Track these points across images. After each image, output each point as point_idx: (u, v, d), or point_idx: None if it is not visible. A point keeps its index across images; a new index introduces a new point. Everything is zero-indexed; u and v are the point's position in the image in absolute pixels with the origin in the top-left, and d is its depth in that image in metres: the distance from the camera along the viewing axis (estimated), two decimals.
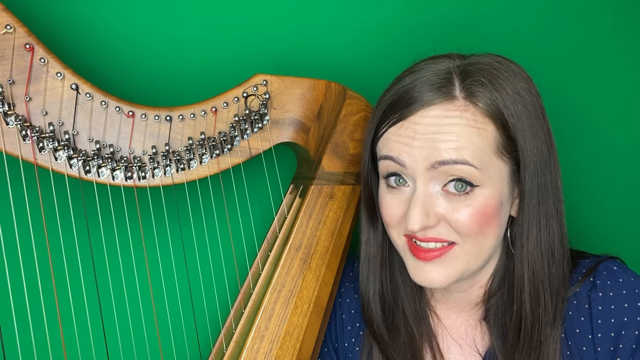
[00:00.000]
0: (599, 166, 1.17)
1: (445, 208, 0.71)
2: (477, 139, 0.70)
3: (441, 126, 0.70)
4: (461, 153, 0.69)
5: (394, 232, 0.76)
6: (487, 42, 1.07)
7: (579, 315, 0.77)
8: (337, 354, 0.88)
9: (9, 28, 0.71)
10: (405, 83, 0.74)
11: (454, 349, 0.84)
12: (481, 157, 0.70)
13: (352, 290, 0.89)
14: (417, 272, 0.74)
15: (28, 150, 0.73)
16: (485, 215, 0.71)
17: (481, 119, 0.70)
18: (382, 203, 0.77)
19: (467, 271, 0.74)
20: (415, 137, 0.71)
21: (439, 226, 0.72)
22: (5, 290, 0.75)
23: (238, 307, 0.87)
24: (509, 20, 1.12)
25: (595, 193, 1.18)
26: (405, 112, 0.72)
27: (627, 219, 1.19)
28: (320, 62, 1.04)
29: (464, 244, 0.72)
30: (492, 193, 0.71)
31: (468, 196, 0.71)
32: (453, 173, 0.70)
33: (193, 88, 0.96)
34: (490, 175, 0.71)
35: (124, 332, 0.87)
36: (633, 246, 1.17)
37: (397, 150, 0.72)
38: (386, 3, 1.07)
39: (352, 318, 0.88)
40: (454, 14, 1.10)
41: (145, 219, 0.83)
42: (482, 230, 0.72)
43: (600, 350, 0.76)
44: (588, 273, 0.79)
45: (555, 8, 1.14)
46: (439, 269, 0.73)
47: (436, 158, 0.70)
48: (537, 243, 0.74)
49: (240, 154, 0.84)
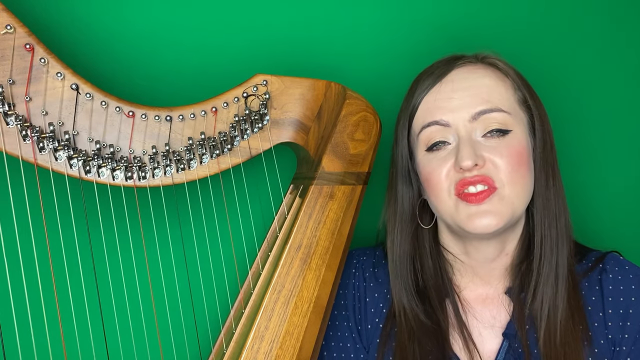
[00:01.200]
0: (598, 166, 1.18)
1: (488, 151, 0.81)
2: (503, 90, 0.84)
3: (473, 79, 0.83)
4: (494, 102, 0.82)
5: (445, 192, 0.83)
6: (486, 43, 1.06)
7: (591, 295, 0.86)
8: (360, 336, 0.92)
9: (9, 28, 0.71)
10: (432, 65, 0.88)
11: (476, 321, 0.88)
12: (509, 104, 0.83)
13: (373, 275, 0.94)
14: (472, 220, 0.81)
15: (28, 150, 0.73)
16: (521, 155, 0.82)
17: (500, 75, 0.85)
18: (426, 170, 0.85)
19: (514, 214, 0.82)
20: (453, 96, 0.83)
21: (485, 168, 0.81)
22: (6, 290, 0.75)
23: (238, 307, 0.87)
24: (509, 20, 1.13)
25: (594, 193, 1.18)
26: (439, 76, 0.85)
27: (626, 219, 1.19)
28: (320, 62, 1.04)
29: (504, 187, 0.81)
30: (523, 137, 0.83)
31: (504, 140, 0.82)
32: (490, 121, 0.82)
33: (193, 88, 0.96)
34: (518, 121, 0.84)
35: (124, 332, 0.87)
36: (633, 245, 1.17)
37: (439, 114, 0.83)
38: (386, 4, 1.07)
39: (376, 300, 0.92)
40: (453, 14, 1.10)
41: (145, 219, 0.83)
42: (520, 171, 0.81)
43: (610, 324, 0.84)
44: (598, 261, 0.88)
45: (554, 9, 1.14)
46: (492, 212, 0.80)
47: (475, 109, 0.82)
48: (552, 197, 0.85)
49: (240, 154, 0.84)
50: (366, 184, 0.89)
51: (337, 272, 0.86)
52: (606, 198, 1.18)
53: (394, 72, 1.05)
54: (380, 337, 0.89)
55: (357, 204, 0.88)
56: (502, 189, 0.80)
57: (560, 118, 1.14)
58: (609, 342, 0.83)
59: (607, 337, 0.83)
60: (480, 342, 0.87)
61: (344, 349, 0.91)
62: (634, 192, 1.19)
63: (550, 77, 1.14)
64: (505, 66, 0.86)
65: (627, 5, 1.16)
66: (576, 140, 1.16)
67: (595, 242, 0.98)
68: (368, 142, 0.89)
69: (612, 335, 0.83)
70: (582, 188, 1.17)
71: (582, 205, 1.17)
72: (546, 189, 0.85)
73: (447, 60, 0.87)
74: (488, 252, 0.87)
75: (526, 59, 1.11)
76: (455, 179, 0.82)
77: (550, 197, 0.85)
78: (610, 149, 1.18)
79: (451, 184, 0.82)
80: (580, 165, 1.16)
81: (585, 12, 1.15)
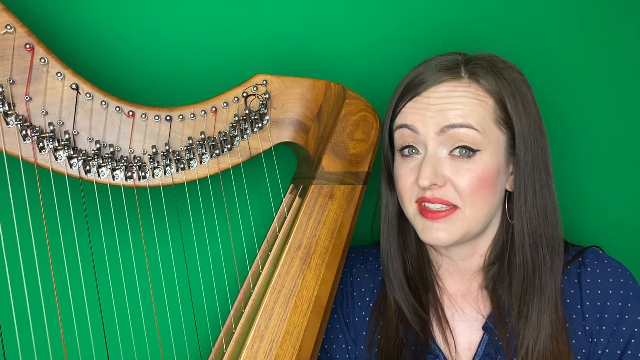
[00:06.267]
0: (596, 166, 1.18)
1: (451, 171, 0.82)
2: (479, 109, 0.82)
3: (449, 98, 0.83)
4: (466, 119, 0.81)
5: (407, 200, 0.86)
6: (486, 43, 1.06)
7: (570, 289, 0.88)
8: (348, 328, 0.94)
9: (10, 28, 0.71)
10: (419, 70, 0.87)
11: (457, 315, 0.91)
12: (483, 124, 0.82)
13: (363, 270, 0.97)
14: (425, 232, 0.84)
15: (28, 150, 0.73)
16: (484, 179, 0.82)
17: (483, 94, 0.83)
18: (397, 173, 0.88)
19: (468, 234, 0.84)
20: (427, 109, 0.83)
21: (445, 188, 0.82)
22: (6, 290, 0.75)
23: (238, 307, 0.87)
24: (508, 21, 1.13)
25: (593, 193, 1.18)
26: (419, 89, 0.85)
27: (625, 219, 1.19)
28: (320, 62, 1.04)
29: (465, 208, 0.82)
30: (491, 160, 0.83)
31: (471, 160, 0.82)
32: (459, 138, 0.81)
33: (193, 88, 0.96)
34: (490, 141, 0.83)
35: (124, 332, 0.87)
36: (629, 244, 1.18)
37: (412, 120, 0.84)
38: (386, 4, 1.07)
39: (363, 294, 0.95)
40: (453, 15, 1.10)
41: (145, 219, 0.83)
42: (481, 194, 0.82)
43: (588, 317, 0.86)
44: (578, 255, 0.90)
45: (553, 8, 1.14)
46: (445, 229, 0.83)
47: (445, 123, 0.82)
48: (533, 204, 0.85)
49: (241, 154, 0.85)
50: (366, 184, 0.90)
51: (337, 272, 0.87)
52: (605, 199, 1.18)
53: (394, 73, 1.05)
54: (367, 328, 0.92)
55: (357, 204, 0.89)
56: (459, 212, 0.82)
57: (559, 119, 1.14)
58: (587, 334, 0.85)
59: (584, 329, 0.86)
60: (461, 334, 0.90)
61: (334, 340, 0.94)
62: (633, 192, 1.19)
63: (549, 77, 1.14)
64: (490, 85, 0.83)
65: (627, 7, 1.16)
66: (575, 141, 1.16)
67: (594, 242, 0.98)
68: (368, 142, 0.89)
69: (589, 327, 0.85)
70: (580, 189, 1.17)
71: (581, 206, 1.17)
72: (533, 207, 0.84)
73: (436, 70, 0.85)
74: (459, 254, 0.91)
75: (524, 59, 1.11)
76: (416, 192, 0.84)
77: (534, 217, 0.84)
78: (610, 150, 1.18)
79: (413, 194, 0.85)
80: (579, 166, 1.16)
81: (584, 12, 1.15)
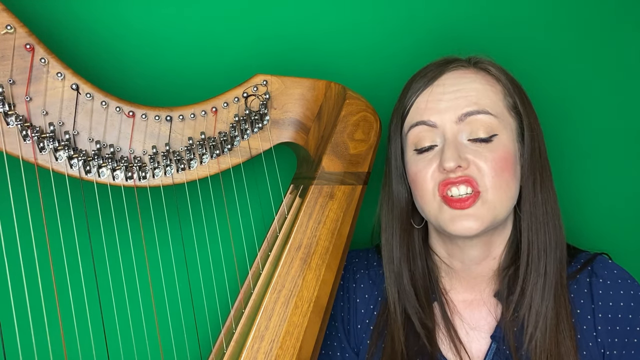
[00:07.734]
0: (594, 166, 1.18)
1: (472, 154, 0.82)
2: (491, 94, 0.85)
3: (462, 84, 0.84)
4: (481, 104, 0.83)
5: (429, 194, 0.84)
6: (485, 44, 1.07)
7: (580, 298, 0.86)
8: (348, 336, 0.92)
9: (10, 28, 0.71)
10: (426, 67, 0.89)
11: (465, 324, 0.88)
12: (496, 108, 0.84)
13: (366, 276, 0.95)
14: (454, 222, 0.82)
15: (28, 150, 0.73)
16: (506, 160, 0.83)
17: (491, 79, 0.86)
18: (413, 170, 0.86)
19: (495, 219, 0.83)
20: (441, 99, 0.84)
21: (468, 169, 0.82)
22: (6, 290, 0.75)
23: (238, 307, 0.87)
24: (508, 22, 1.13)
25: (591, 193, 1.18)
26: (431, 79, 0.86)
27: (624, 218, 1.19)
28: (320, 62, 1.04)
29: (488, 191, 0.82)
30: (508, 142, 0.84)
31: (490, 144, 0.83)
32: (477, 124, 0.83)
33: (193, 88, 0.96)
34: (505, 126, 0.84)
35: (124, 332, 0.87)
36: (628, 246, 1.18)
37: (427, 114, 0.85)
38: (386, 4, 1.07)
39: (367, 301, 0.93)
40: (453, 16, 1.10)
41: (145, 219, 0.83)
42: (504, 176, 0.82)
43: (600, 329, 0.85)
44: (586, 263, 0.89)
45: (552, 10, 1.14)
46: (473, 216, 0.81)
47: (462, 110, 0.83)
48: (540, 189, 0.85)
49: (241, 154, 0.84)
50: (366, 184, 0.90)
51: (337, 272, 0.87)
52: (603, 200, 1.18)
53: (394, 73, 1.05)
54: (370, 338, 0.90)
55: (357, 204, 0.88)
56: (485, 193, 0.81)
57: (557, 120, 1.14)
58: (598, 346, 0.84)
59: (596, 341, 0.84)
60: (468, 343, 0.88)
61: (330, 346, 0.93)
62: (631, 194, 1.19)
63: (548, 77, 1.14)
64: (497, 71, 0.87)
65: (624, 8, 1.16)
66: (573, 142, 1.16)
67: (592, 245, 0.98)
68: (368, 142, 0.89)
69: (601, 339, 0.84)
70: (579, 190, 1.17)
71: (579, 207, 1.17)
72: (534, 195, 0.85)
73: (439, 63, 0.88)
74: (473, 255, 0.88)
75: (523, 61, 1.11)
76: (439, 179, 0.83)
77: (538, 203, 0.85)
78: (607, 152, 1.18)
79: (435, 184, 0.83)
80: (577, 167, 1.16)
81: (585, 12, 1.15)
